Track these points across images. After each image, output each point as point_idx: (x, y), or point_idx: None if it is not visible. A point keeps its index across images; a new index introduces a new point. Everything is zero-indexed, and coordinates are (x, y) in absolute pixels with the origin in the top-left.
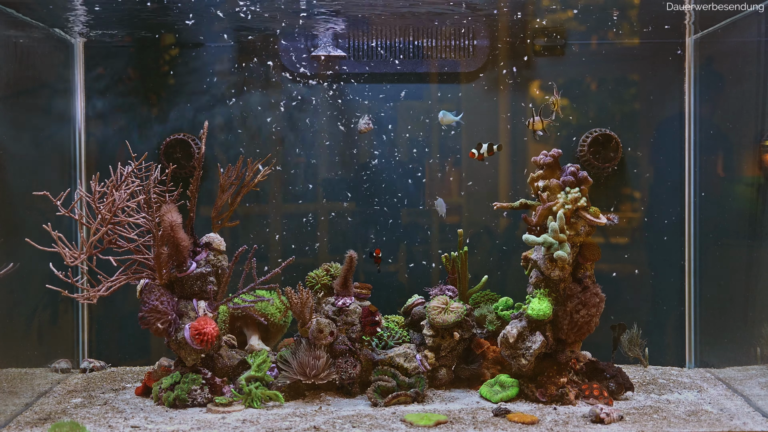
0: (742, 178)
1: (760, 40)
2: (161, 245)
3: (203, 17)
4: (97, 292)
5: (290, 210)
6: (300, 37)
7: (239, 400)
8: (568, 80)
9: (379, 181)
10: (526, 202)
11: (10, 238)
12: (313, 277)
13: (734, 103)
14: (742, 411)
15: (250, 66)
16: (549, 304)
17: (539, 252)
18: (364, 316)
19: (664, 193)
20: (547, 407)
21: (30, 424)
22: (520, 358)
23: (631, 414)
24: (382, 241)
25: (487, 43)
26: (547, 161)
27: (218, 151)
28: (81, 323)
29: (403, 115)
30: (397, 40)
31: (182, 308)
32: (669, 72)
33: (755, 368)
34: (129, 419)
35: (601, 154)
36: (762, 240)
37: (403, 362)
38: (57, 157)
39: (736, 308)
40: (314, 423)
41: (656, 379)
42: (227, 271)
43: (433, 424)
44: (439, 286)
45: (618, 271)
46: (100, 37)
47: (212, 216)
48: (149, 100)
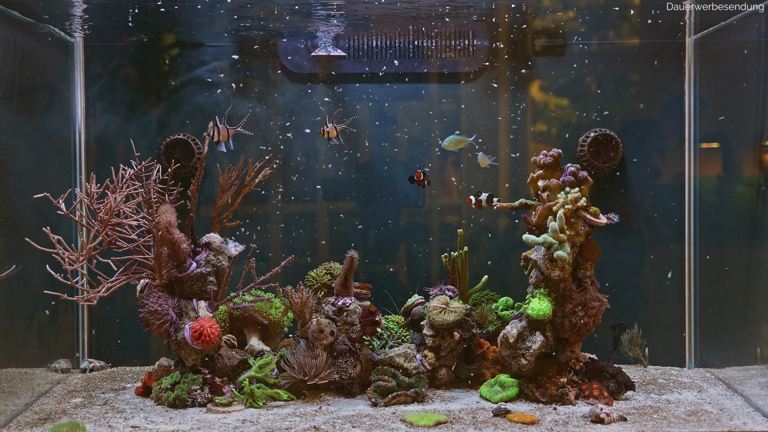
0: (742, 178)
1: (760, 40)
2: (161, 245)
3: (203, 17)
4: (97, 293)
5: (290, 210)
6: (300, 37)
7: (239, 400)
8: (568, 80)
9: (379, 181)
10: (526, 202)
11: (10, 238)
12: (313, 276)
13: (734, 103)
14: (742, 411)
15: (250, 66)
16: (549, 304)
17: (539, 252)
18: (364, 316)
19: (664, 193)
20: (547, 407)
21: (30, 424)
22: (520, 358)
23: (631, 414)
24: (382, 241)
25: (487, 43)
26: (547, 161)
27: (218, 151)
28: (81, 323)
29: (403, 115)
30: (397, 40)
31: (182, 308)
32: (669, 72)
33: (755, 368)
34: (129, 419)
35: (601, 154)
36: (762, 240)
37: (403, 362)
38: (57, 157)
39: (736, 308)
40: (314, 423)
41: (656, 379)
42: (227, 271)
43: (433, 424)
44: (439, 286)
45: (618, 271)
46: (100, 37)
47: (212, 216)
48: (149, 99)
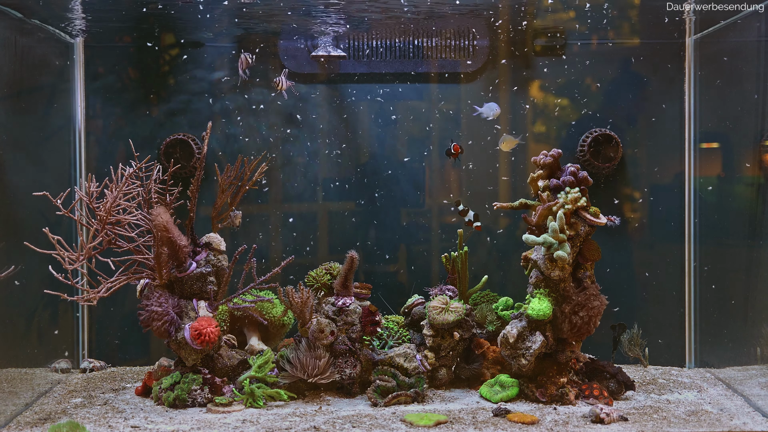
0: (742, 178)
1: (760, 40)
2: (161, 245)
3: (203, 17)
4: (97, 293)
5: (290, 210)
6: (300, 37)
7: (239, 400)
8: (568, 80)
9: (379, 181)
10: (526, 202)
11: (10, 238)
12: (313, 276)
13: (734, 103)
14: (742, 411)
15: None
16: (549, 304)
17: (539, 252)
18: (364, 316)
19: (664, 193)
20: (547, 407)
21: (30, 424)
22: (520, 358)
23: (631, 414)
24: (382, 241)
25: (487, 43)
26: (547, 161)
27: (218, 151)
28: (81, 323)
29: (403, 114)
30: (397, 40)
31: (182, 308)
32: (669, 72)
33: (755, 368)
34: (129, 419)
35: (601, 154)
36: (762, 240)
37: (403, 362)
38: (57, 157)
39: (736, 308)
40: (314, 423)
41: (656, 379)
42: (227, 271)
43: (433, 424)
44: (439, 286)
45: (618, 271)
46: (100, 37)
47: (212, 216)
48: (149, 99)
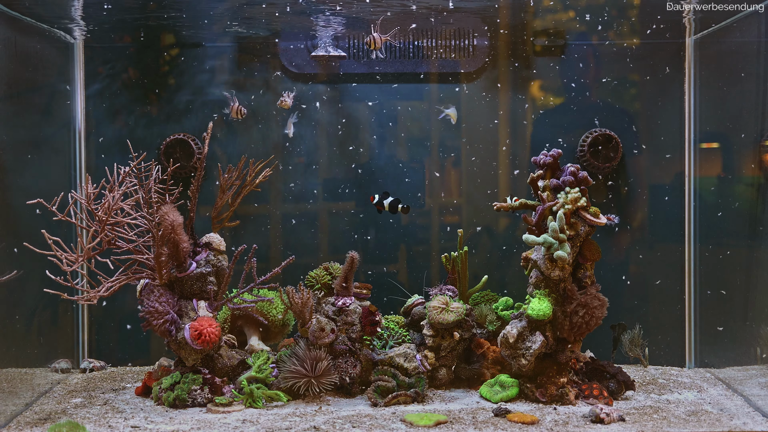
0: (742, 178)
1: (760, 40)
2: (161, 245)
3: (203, 17)
4: (97, 293)
5: (290, 210)
6: (300, 37)
7: (239, 400)
8: (568, 80)
9: (379, 181)
10: (526, 202)
11: (9, 238)
12: (313, 276)
13: (734, 103)
14: (742, 411)
15: (250, 66)
16: (549, 304)
17: (539, 252)
18: (364, 316)
19: (664, 193)
20: (547, 407)
21: (30, 424)
22: (520, 358)
23: (631, 414)
24: (382, 241)
25: (487, 43)
26: (547, 161)
27: (218, 151)
28: (81, 323)
29: (403, 114)
30: (397, 40)
31: (182, 308)
32: (669, 72)
33: (755, 368)
34: (129, 419)
35: (601, 154)
36: (762, 240)
37: (403, 362)
38: (57, 157)
39: (736, 308)
40: (314, 423)
41: (656, 379)
42: (227, 271)
43: (433, 424)
44: (439, 286)
45: (618, 271)
46: (100, 37)
47: (212, 216)
48: (149, 99)
